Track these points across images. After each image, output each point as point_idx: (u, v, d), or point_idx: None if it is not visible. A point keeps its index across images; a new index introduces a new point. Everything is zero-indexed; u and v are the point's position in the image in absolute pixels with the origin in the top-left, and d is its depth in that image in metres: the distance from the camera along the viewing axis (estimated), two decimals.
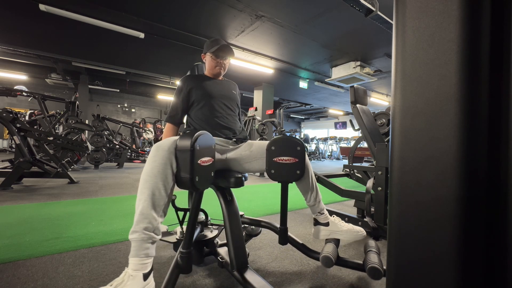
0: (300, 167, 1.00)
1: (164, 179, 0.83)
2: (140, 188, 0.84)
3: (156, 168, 0.83)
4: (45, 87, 9.38)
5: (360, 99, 2.03)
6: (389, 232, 0.42)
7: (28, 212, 2.06)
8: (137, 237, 0.80)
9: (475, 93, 0.34)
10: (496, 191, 0.35)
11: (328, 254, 1.02)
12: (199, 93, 1.25)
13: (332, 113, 14.06)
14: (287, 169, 1.00)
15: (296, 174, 1.00)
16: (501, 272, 0.35)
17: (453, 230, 0.34)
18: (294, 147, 1.00)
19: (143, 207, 0.81)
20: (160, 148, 0.85)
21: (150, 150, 0.87)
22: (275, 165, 1.00)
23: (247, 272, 0.95)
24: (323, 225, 1.17)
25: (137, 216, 0.81)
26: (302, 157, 1.00)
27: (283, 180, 1.03)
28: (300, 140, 1.02)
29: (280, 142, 1.01)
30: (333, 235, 1.16)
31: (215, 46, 1.26)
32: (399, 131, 0.40)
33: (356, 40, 4.46)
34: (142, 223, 0.80)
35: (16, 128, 3.19)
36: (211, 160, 0.91)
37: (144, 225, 0.80)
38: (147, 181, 0.83)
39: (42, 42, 4.81)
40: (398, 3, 0.41)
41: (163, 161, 0.83)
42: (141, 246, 0.80)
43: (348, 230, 1.16)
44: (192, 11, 3.58)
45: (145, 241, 0.80)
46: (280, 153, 1.00)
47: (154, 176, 0.82)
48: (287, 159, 0.99)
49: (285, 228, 1.10)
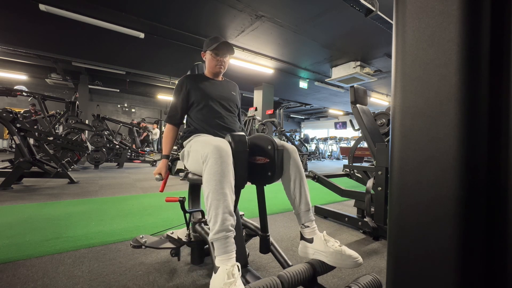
0: (271, 168, 0.91)
1: (230, 179, 0.87)
2: (215, 189, 0.85)
3: (226, 168, 0.86)
4: (45, 87, 9.38)
5: (360, 99, 2.03)
6: (389, 232, 0.42)
7: (28, 212, 2.06)
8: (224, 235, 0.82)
9: (475, 93, 0.34)
10: (496, 191, 0.35)
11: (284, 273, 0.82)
12: (198, 94, 1.25)
13: (332, 113, 14.06)
14: (259, 170, 0.93)
15: (267, 176, 0.91)
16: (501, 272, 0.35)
17: (453, 230, 0.34)
18: (265, 145, 0.91)
19: (225, 205, 0.84)
20: (224, 150, 0.88)
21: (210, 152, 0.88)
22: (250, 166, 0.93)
23: (247, 272, 0.95)
24: (308, 241, 0.98)
25: (221, 215, 0.83)
26: (273, 157, 0.92)
27: (255, 183, 0.96)
28: (273, 139, 0.94)
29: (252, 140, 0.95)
30: (317, 256, 0.94)
31: (215, 44, 1.25)
32: (399, 131, 0.40)
33: (356, 40, 4.46)
34: (229, 221, 0.83)
35: (16, 128, 3.19)
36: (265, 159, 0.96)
37: (231, 222, 0.84)
38: (221, 182, 0.85)
39: (42, 42, 4.81)
40: (398, 3, 0.41)
41: (228, 163, 0.87)
42: (230, 241, 0.83)
43: (334, 253, 0.90)
44: (192, 11, 3.58)
45: (231, 237, 0.84)
46: (252, 152, 0.93)
47: (227, 177, 0.86)
48: (259, 159, 0.93)
49: (266, 235, 1.00)
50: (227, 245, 0.82)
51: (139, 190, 3.18)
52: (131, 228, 1.76)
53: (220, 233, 0.82)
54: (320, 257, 0.93)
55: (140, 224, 1.85)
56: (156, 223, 1.88)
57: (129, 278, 1.12)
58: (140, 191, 3.09)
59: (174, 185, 3.61)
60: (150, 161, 6.28)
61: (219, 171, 0.85)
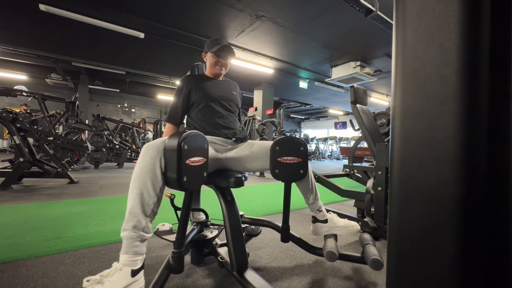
0: (303, 166, 1.03)
1: (152, 179, 0.83)
2: (130, 187, 0.84)
3: (145, 167, 0.83)
4: (45, 87, 9.38)
5: (360, 99, 2.03)
6: (389, 232, 0.42)
7: (28, 212, 2.06)
8: (126, 235, 0.81)
9: (475, 93, 0.34)
10: (496, 191, 0.35)
11: (332, 249, 1.07)
12: (199, 94, 1.25)
13: (332, 113, 14.06)
14: (291, 169, 1.03)
15: (300, 173, 1.04)
16: (501, 272, 0.35)
17: (453, 230, 0.34)
18: (298, 147, 1.03)
19: (132, 206, 0.82)
20: (149, 148, 0.85)
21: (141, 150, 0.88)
22: (279, 165, 1.02)
23: (247, 272, 0.96)
24: (322, 222, 1.22)
25: (127, 214, 0.82)
26: (305, 157, 1.04)
27: (287, 180, 1.06)
28: (303, 141, 1.06)
29: (284, 142, 1.04)
30: (331, 231, 1.22)
31: (216, 46, 1.26)
32: (399, 131, 0.40)
33: (356, 40, 4.46)
34: (131, 222, 0.81)
35: (16, 128, 3.19)
36: (202, 160, 0.89)
37: (133, 224, 0.81)
38: (136, 181, 0.83)
39: (42, 42, 4.81)
40: (398, 3, 0.41)
41: (151, 161, 0.83)
42: (131, 244, 0.81)
43: (344, 226, 1.22)
44: (192, 11, 3.58)
45: (134, 239, 0.81)
46: (284, 153, 1.03)
47: (142, 176, 0.83)
48: (291, 159, 1.02)
49: (287, 226, 1.13)
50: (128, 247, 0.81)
51: None
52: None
53: (124, 231, 0.81)
54: (333, 232, 1.22)
55: None
56: (156, 223, 1.87)
57: None
58: None
59: None
60: None
61: (136, 170, 0.84)
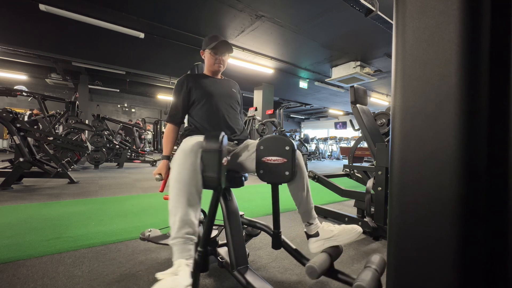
0: (288, 168, 0.94)
1: (196, 184, 0.87)
2: (174, 197, 0.86)
3: (187, 174, 0.86)
4: (45, 87, 9.38)
5: (360, 99, 2.03)
6: (389, 232, 0.42)
7: (28, 212, 2.06)
8: (180, 241, 0.84)
9: (475, 93, 0.34)
10: (496, 191, 0.35)
11: (314, 264, 0.90)
12: (199, 92, 1.24)
13: (332, 113, 14.06)
14: (276, 170, 0.95)
15: (285, 175, 0.95)
16: (501, 271, 0.35)
17: (453, 230, 0.34)
18: (282, 146, 0.94)
19: (183, 213, 0.85)
20: (187, 153, 0.87)
21: (175, 155, 0.89)
22: (264, 166, 0.97)
23: (247, 272, 0.95)
24: (314, 236, 1.07)
25: (178, 223, 0.85)
26: (291, 158, 0.94)
27: (272, 181, 0.99)
28: (290, 139, 0.97)
29: (268, 141, 0.97)
30: (328, 243, 1.03)
31: (214, 42, 1.25)
32: (399, 131, 0.40)
33: (356, 40, 4.45)
34: (184, 229, 0.85)
35: (16, 128, 3.19)
36: (226, 160, 0.94)
37: (186, 231, 0.85)
38: (181, 190, 0.86)
39: (42, 42, 4.81)
40: (398, 3, 0.41)
41: (192, 167, 0.86)
42: (185, 249, 0.84)
43: (340, 232, 1.03)
44: (192, 11, 3.58)
45: (188, 243, 0.85)
46: (268, 152, 0.96)
47: (187, 184, 0.86)
48: (276, 159, 0.95)
49: (278, 232, 1.06)
50: (182, 252, 0.84)
51: (139, 190, 3.18)
52: (131, 228, 1.76)
53: (175, 239, 0.85)
54: (330, 244, 1.03)
55: (140, 224, 1.85)
56: (156, 223, 1.88)
57: (129, 278, 1.12)
58: (140, 191, 3.09)
59: None
60: (150, 161, 6.28)
61: (178, 179, 0.86)
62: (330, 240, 1.03)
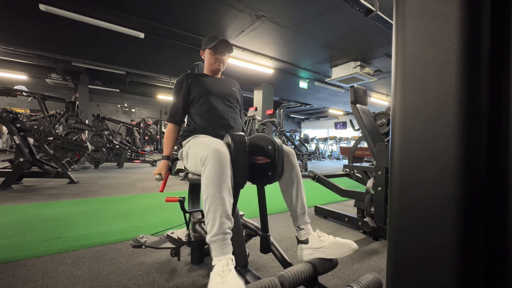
0: (272, 168, 0.91)
1: (229, 183, 0.89)
2: (213, 194, 0.87)
3: (224, 172, 0.88)
4: (45, 87, 9.38)
5: (360, 99, 2.03)
6: (389, 232, 0.42)
7: (28, 212, 2.06)
8: (219, 238, 0.85)
9: (475, 93, 0.34)
10: (496, 191, 0.35)
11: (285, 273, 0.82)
12: (198, 90, 1.24)
13: (332, 113, 14.06)
14: (260, 170, 0.93)
15: (268, 176, 0.91)
16: (501, 271, 0.35)
17: (453, 230, 0.34)
18: (265, 145, 0.91)
19: (223, 209, 0.86)
20: (222, 153, 0.89)
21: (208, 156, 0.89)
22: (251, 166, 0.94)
23: (247, 272, 0.95)
24: (303, 242, 0.99)
25: (219, 219, 0.86)
26: (274, 158, 0.91)
27: (255, 182, 0.97)
28: (273, 139, 0.94)
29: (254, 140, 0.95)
30: (316, 254, 0.95)
31: (213, 42, 1.25)
32: (399, 131, 0.40)
33: (356, 40, 4.45)
34: (226, 224, 0.86)
35: (16, 128, 3.19)
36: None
37: (228, 225, 0.87)
38: (219, 186, 0.87)
39: (42, 42, 4.81)
40: (398, 3, 0.41)
41: (227, 166, 0.89)
42: (224, 244, 0.85)
43: (330, 245, 0.93)
44: (192, 11, 3.58)
45: (227, 238, 0.86)
46: (254, 152, 0.94)
47: (223, 182, 0.87)
48: (259, 159, 0.93)
49: (266, 235, 1.01)
50: (224, 247, 0.85)
51: (139, 190, 3.18)
52: (131, 228, 1.76)
53: (217, 235, 0.85)
54: (318, 255, 0.94)
55: (140, 224, 1.85)
56: (156, 223, 1.88)
57: (129, 278, 1.12)
58: (140, 191, 3.09)
59: (174, 185, 3.61)
60: (150, 161, 6.29)
61: (217, 175, 0.87)
62: (319, 251, 0.95)
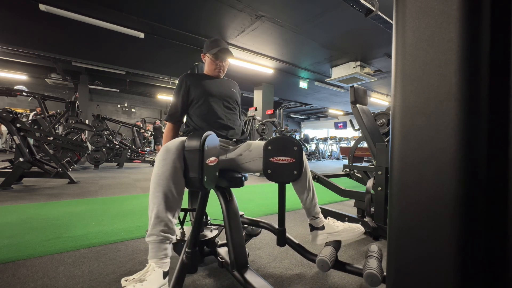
0: (297, 167, 0.97)
1: (176, 182, 0.85)
2: (153, 192, 0.85)
3: (168, 170, 0.84)
4: (45, 87, 9.38)
5: (360, 99, 2.03)
6: (389, 232, 0.42)
7: (28, 212, 2.06)
8: (155, 239, 0.82)
9: (475, 93, 0.34)
10: (496, 191, 0.35)
11: (324, 257, 0.98)
12: (198, 91, 1.25)
13: (332, 113, 14.06)
14: (284, 170, 0.98)
15: (293, 174, 0.97)
16: (501, 272, 0.35)
17: (453, 230, 0.34)
18: (291, 146, 0.97)
19: (158, 210, 0.83)
20: (169, 150, 0.86)
21: (159, 152, 0.88)
22: (272, 165, 0.98)
23: (247, 272, 0.95)
24: (319, 229, 1.14)
25: (153, 219, 0.83)
26: (299, 157, 0.97)
27: (280, 181, 1.01)
28: (297, 140, 1.00)
29: (276, 141, 0.99)
30: (331, 238, 1.12)
31: (215, 48, 1.26)
32: (399, 131, 0.40)
33: (356, 40, 4.45)
34: (159, 226, 0.83)
35: (16, 128, 3.19)
36: (216, 160, 0.93)
37: (161, 228, 0.83)
38: (159, 185, 0.84)
39: (42, 42, 4.81)
40: (398, 3, 0.41)
41: (173, 164, 0.85)
42: (160, 247, 0.83)
43: (344, 229, 1.12)
44: (192, 11, 3.58)
45: (163, 242, 0.83)
46: (276, 153, 0.98)
47: (166, 179, 0.84)
48: (284, 159, 0.97)
49: (283, 229, 1.08)
50: (157, 251, 0.82)
51: (139, 190, 3.18)
52: (131, 228, 1.76)
53: (150, 236, 0.83)
54: (334, 238, 1.11)
55: (140, 224, 1.85)
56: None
57: None
58: (140, 191, 3.09)
59: None
60: (150, 161, 6.28)
61: (158, 173, 0.85)
62: (334, 235, 1.11)
